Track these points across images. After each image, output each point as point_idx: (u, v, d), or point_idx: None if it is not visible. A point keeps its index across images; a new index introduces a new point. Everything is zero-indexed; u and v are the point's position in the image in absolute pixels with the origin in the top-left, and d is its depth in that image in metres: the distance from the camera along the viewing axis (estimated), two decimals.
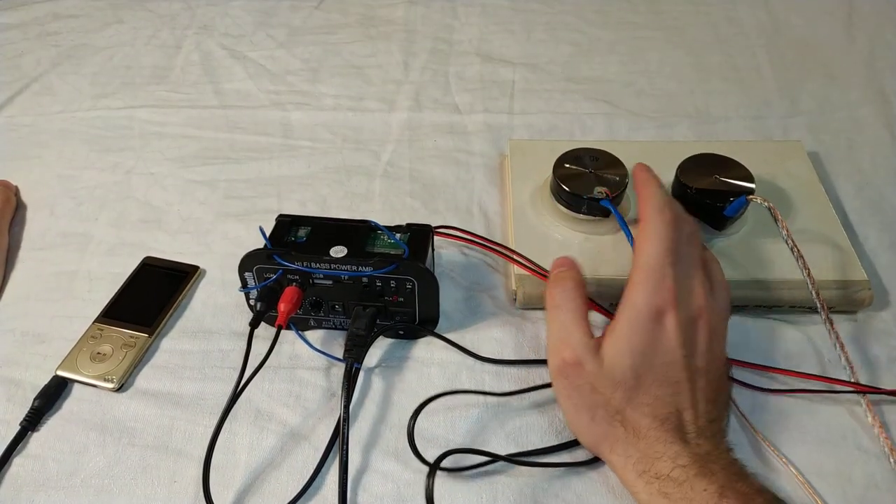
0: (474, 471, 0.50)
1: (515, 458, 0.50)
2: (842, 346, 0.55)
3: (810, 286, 0.55)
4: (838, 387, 0.54)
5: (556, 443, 0.52)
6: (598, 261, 0.60)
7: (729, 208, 0.60)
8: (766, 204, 0.58)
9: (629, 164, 0.63)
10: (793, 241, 0.56)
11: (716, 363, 0.50)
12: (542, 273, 0.59)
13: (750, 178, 0.61)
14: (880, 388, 0.54)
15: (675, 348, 0.48)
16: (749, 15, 0.98)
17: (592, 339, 0.49)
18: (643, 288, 0.49)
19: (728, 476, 0.44)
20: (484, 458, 0.50)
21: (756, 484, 0.44)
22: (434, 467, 0.48)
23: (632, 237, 0.56)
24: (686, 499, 0.44)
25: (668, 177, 0.65)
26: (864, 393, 0.53)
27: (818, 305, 0.55)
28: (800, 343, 0.58)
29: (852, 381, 0.54)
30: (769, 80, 0.87)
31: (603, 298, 0.58)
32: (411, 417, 0.51)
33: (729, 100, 0.84)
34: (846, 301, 0.59)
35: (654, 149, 0.72)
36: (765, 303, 0.59)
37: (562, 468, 0.50)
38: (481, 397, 0.55)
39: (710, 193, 0.61)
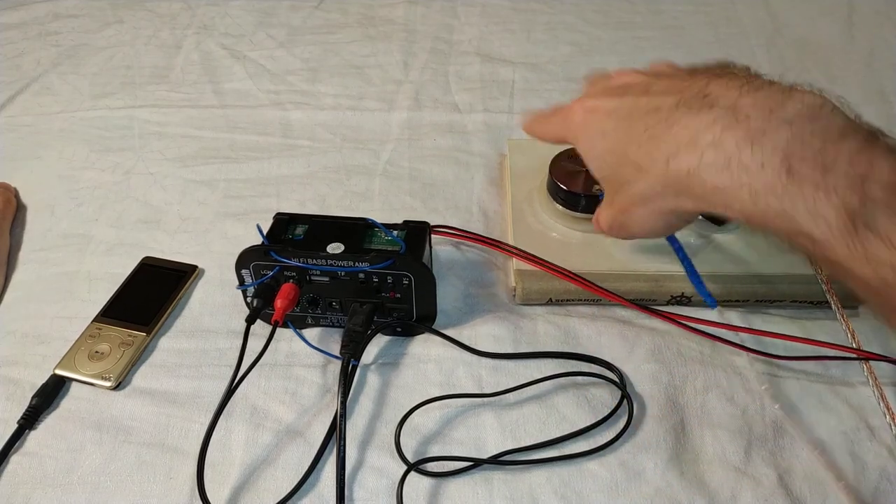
0: (471, 470, 0.50)
1: (500, 460, 0.50)
2: (853, 335, 0.54)
3: (818, 275, 0.55)
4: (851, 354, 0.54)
5: (555, 436, 0.51)
6: (596, 258, 0.60)
7: None
8: None
9: None
10: None
11: (671, 70, 0.47)
12: (542, 265, 0.59)
13: None
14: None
15: (606, 105, 0.46)
16: (749, 15, 0.98)
17: None
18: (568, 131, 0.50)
19: (789, 134, 0.36)
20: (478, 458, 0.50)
21: None
22: (406, 473, 0.49)
23: None
24: (741, 185, 0.37)
25: None
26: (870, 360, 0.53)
27: (827, 294, 0.54)
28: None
29: (865, 374, 0.53)
30: None
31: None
32: (398, 425, 0.52)
33: None
34: (848, 295, 0.59)
35: None
36: (766, 297, 0.59)
37: (560, 463, 0.50)
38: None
39: None
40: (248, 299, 0.57)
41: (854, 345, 0.54)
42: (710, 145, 0.38)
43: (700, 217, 0.61)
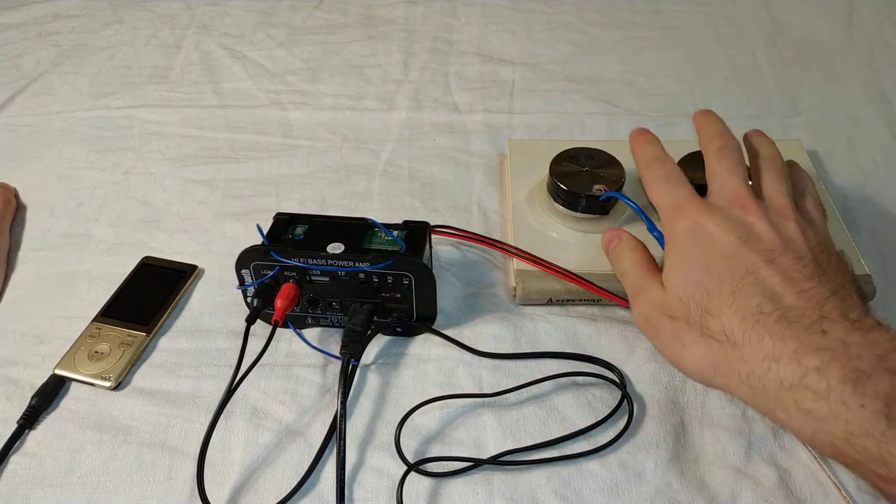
0: (471, 470, 0.50)
1: (500, 460, 0.50)
2: None
3: None
4: None
5: (555, 436, 0.51)
6: (596, 258, 0.60)
7: None
8: None
9: (628, 164, 0.63)
10: None
11: (800, 240, 0.46)
12: (542, 265, 0.59)
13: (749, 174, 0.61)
14: None
15: (723, 238, 0.46)
16: (749, 15, 0.98)
17: (657, 279, 0.49)
18: (664, 212, 0.50)
19: (892, 384, 0.37)
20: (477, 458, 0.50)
21: None
22: (406, 473, 0.49)
23: (648, 219, 0.57)
24: (836, 418, 0.38)
25: None
26: None
27: None
28: None
29: None
30: (769, 80, 0.87)
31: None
32: (398, 425, 0.51)
33: (729, 99, 0.84)
34: None
35: None
36: None
37: (560, 463, 0.50)
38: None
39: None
40: (248, 299, 0.57)
41: None
42: (815, 370, 0.39)
43: None
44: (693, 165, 0.62)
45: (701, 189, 0.60)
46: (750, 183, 0.51)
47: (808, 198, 0.53)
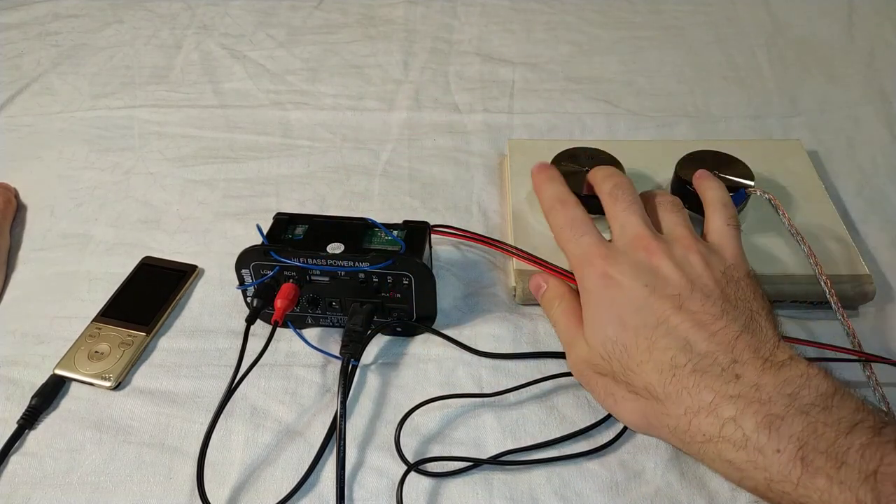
0: (471, 470, 0.50)
1: (500, 460, 0.50)
2: (853, 335, 0.54)
3: (819, 275, 0.55)
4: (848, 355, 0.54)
5: (555, 436, 0.51)
6: None
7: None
8: (766, 195, 0.58)
9: (628, 164, 0.63)
10: (796, 230, 0.56)
11: (706, 275, 0.46)
12: (542, 265, 0.59)
13: (749, 174, 0.61)
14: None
15: (632, 288, 0.46)
16: (749, 15, 0.98)
17: (582, 332, 0.50)
18: (573, 264, 0.51)
19: (804, 424, 0.38)
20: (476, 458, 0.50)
21: (852, 418, 0.37)
22: (406, 473, 0.49)
23: None
24: (755, 467, 0.38)
25: (668, 176, 0.65)
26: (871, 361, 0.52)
27: (827, 294, 0.54)
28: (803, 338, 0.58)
29: (868, 374, 0.53)
30: (769, 80, 0.87)
31: None
32: (398, 425, 0.52)
33: (729, 99, 0.84)
34: (848, 295, 0.59)
35: (654, 148, 0.72)
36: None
37: (560, 463, 0.50)
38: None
39: None
40: (248, 299, 0.57)
41: (854, 345, 0.54)
42: (731, 420, 0.40)
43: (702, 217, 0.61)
44: (693, 165, 0.62)
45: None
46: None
47: (714, 216, 0.54)
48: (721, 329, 0.43)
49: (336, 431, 0.49)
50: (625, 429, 0.52)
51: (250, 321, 0.54)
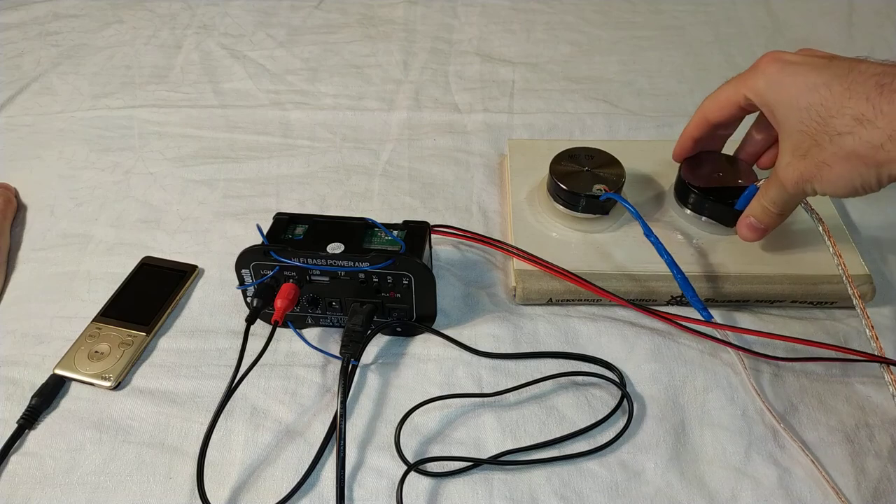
0: (471, 470, 0.50)
1: (500, 460, 0.50)
2: (871, 328, 0.53)
3: (842, 272, 0.54)
4: (855, 356, 0.54)
5: (555, 436, 0.51)
6: (596, 258, 0.60)
7: (739, 201, 0.59)
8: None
9: (628, 164, 0.63)
10: (823, 225, 0.56)
11: None
12: (542, 265, 0.59)
13: (752, 174, 0.61)
14: None
15: (808, 59, 0.49)
16: (749, 15, 0.98)
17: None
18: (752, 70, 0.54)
19: None
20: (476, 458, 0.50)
21: None
22: (406, 473, 0.49)
23: (644, 223, 0.57)
24: None
25: (669, 176, 0.65)
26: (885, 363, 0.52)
27: (851, 293, 0.54)
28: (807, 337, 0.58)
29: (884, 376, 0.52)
30: None
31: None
32: (398, 425, 0.52)
33: None
34: (847, 295, 0.59)
35: (654, 148, 0.72)
36: (765, 298, 0.59)
37: (560, 463, 0.50)
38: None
39: (716, 191, 0.60)
40: (248, 299, 0.57)
41: (874, 344, 0.53)
42: None
43: (706, 218, 0.61)
44: (695, 166, 0.62)
45: (706, 192, 0.60)
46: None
47: None
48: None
49: (336, 431, 0.49)
50: (625, 429, 0.52)
51: (250, 321, 0.54)
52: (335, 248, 0.54)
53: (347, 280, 0.55)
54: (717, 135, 0.61)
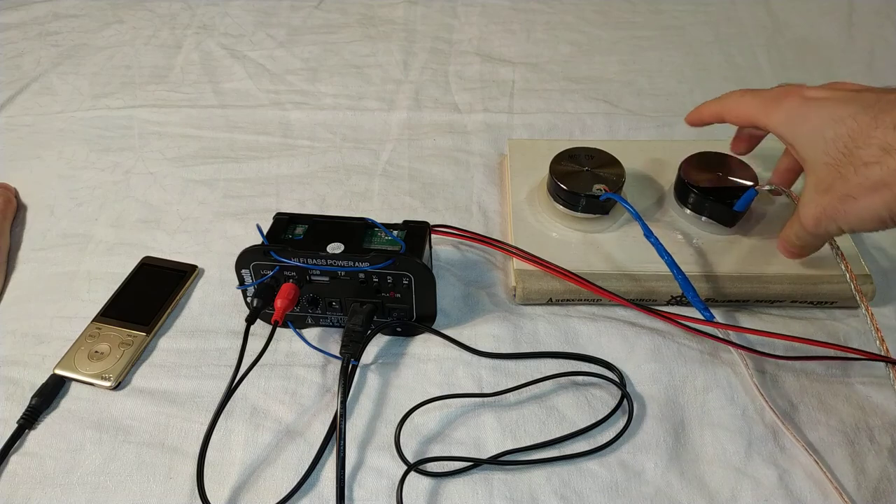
0: (471, 470, 0.50)
1: (500, 460, 0.50)
2: (877, 329, 0.53)
3: (845, 272, 0.54)
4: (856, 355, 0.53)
5: (555, 436, 0.51)
6: (596, 258, 0.60)
7: (738, 202, 0.59)
8: (783, 191, 0.58)
9: (628, 164, 0.63)
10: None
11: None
12: (542, 265, 0.59)
13: (752, 174, 0.61)
14: None
15: (831, 93, 0.49)
16: (749, 15, 0.98)
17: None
18: (766, 102, 0.53)
19: None
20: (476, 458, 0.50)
21: None
22: (406, 473, 0.49)
23: (644, 224, 0.57)
24: None
25: (669, 176, 0.65)
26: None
27: (854, 293, 0.54)
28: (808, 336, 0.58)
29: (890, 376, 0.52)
30: (769, 80, 0.87)
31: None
32: (398, 425, 0.52)
33: None
34: (849, 295, 0.58)
35: (654, 148, 0.72)
36: (765, 298, 0.59)
37: (560, 463, 0.50)
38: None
39: (715, 191, 0.60)
40: (248, 299, 0.57)
41: (879, 345, 0.52)
42: None
43: (705, 218, 0.61)
44: (696, 166, 0.62)
45: (706, 192, 0.60)
46: None
47: None
48: None
49: (336, 431, 0.49)
50: (625, 429, 0.52)
51: (250, 321, 0.54)
52: (335, 248, 0.54)
53: (347, 280, 0.55)
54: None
